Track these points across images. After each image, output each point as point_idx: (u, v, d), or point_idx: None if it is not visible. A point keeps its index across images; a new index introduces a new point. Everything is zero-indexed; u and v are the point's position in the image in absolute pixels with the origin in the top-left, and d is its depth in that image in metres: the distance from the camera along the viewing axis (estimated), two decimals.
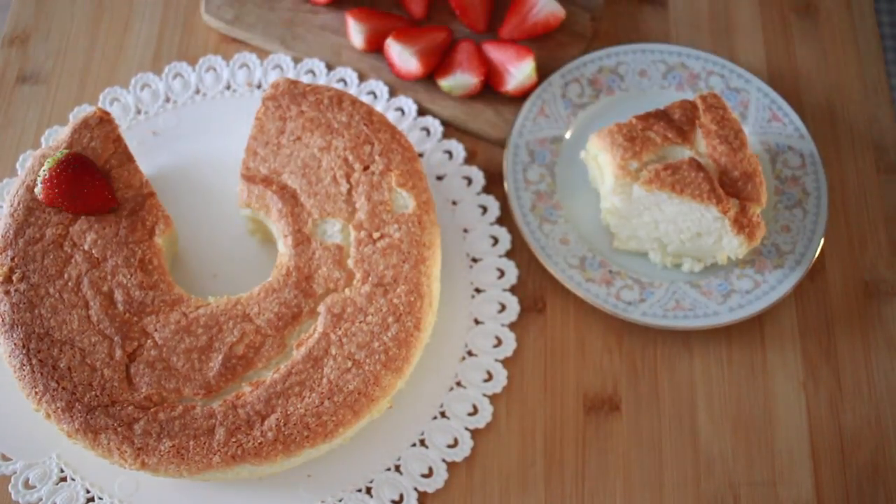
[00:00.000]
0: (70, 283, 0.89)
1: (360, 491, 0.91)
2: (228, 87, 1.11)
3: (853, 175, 1.09)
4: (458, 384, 0.96)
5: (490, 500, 0.93)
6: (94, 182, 0.92)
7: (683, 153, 0.97)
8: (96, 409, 0.85)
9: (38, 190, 0.92)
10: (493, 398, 0.96)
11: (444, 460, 0.93)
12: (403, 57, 1.09)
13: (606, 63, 1.11)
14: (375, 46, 1.13)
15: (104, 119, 0.97)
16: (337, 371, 0.87)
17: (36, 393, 0.85)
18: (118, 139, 0.97)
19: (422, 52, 1.09)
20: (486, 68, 1.09)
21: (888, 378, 0.99)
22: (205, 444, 0.84)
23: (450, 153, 1.08)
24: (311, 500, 0.91)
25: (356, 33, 1.12)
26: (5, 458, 0.92)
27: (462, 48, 1.10)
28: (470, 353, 0.98)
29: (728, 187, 0.96)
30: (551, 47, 1.14)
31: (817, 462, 0.95)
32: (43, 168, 0.92)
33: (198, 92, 1.11)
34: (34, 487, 0.90)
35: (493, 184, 1.07)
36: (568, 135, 1.08)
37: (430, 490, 0.92)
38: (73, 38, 1.16)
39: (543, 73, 1.11)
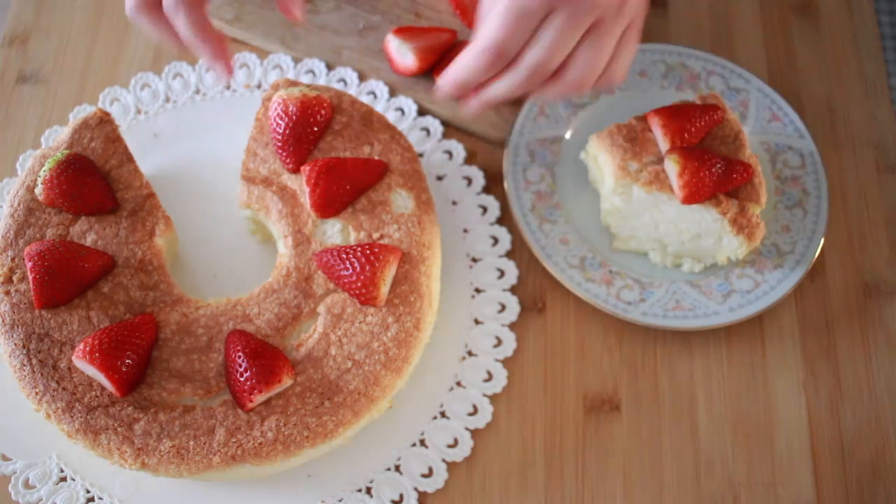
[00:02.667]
0: None
1: (360, 491, 0.91)
2: (228, 87, 1.11)
3: (853, 175, 1.09)
4: (458, 384, 0.97)
5: (490, 500, 0.93)
6: (94, 182, 0.92)
7: None
8: (96, 410, 0.85)
9: (38, 190, 0.92)
10: (493, 398, 0.96)
11: (444, 460, 0.93)
12: (401, 52, 1.09)
13: None
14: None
15: (104, 119, 0.97)
16: (337, 371, 0.87)
17: (36, 393, 0.85)
18: (118, 139, 0.97)
19: (420, 49, 1.09)
20: None
21: (888, 378, 0.99)
22: (205, 444, 0.84)
23: (450, 153, 1.08)
24: (311, 500, 0.91)
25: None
26: (5, 458, 0.92)
27: (462, 48, 1.10)
28: (470, 353, 0.98)
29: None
30: None
31: (817, 462, 0.95)
32: (43, 168, 0.92)
33: (198, 92, 1.11)
34: (34, 487, 0.90)
35: (493, 184, 1.07)
36: (568, 135, 1.08)
37: (430, 490, 0.92)
38: (73, 38, 1.16)
39: None
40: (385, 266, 0.88)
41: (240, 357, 0.84)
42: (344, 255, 0.89)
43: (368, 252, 0.88)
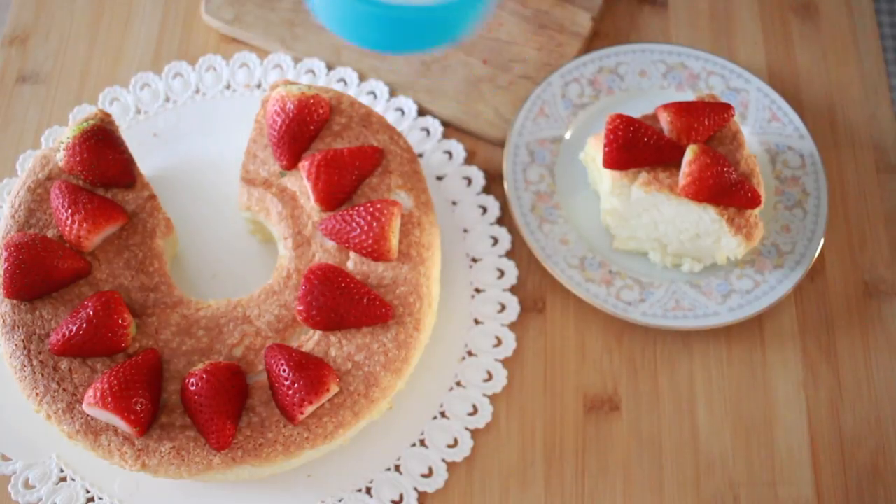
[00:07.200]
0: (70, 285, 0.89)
1: (360, 491, 0.91)
2: (228, 87, 1.11)
3: (853, 175, 1.09)
4: (458, 384, 0.97)
5: (490, 500, 0.93)
6: (114, 155, 0.93)
7: None
8: None
9: (59, 156, 0.92)
10: (493, 398, 0.96)
11: (444, 460, 0.93)
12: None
13: (606, 63, 1.11)
14: None
15: (104, 119, 0.97)
16: (336, 372, 0.87)
17: (37, 394, 0.85)
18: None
19: None
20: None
21: (888, 378, 0.99)
22: (205, 445, 0.84)
23: (450, 153, 1.08)
24: (311, 500, 0.91)
25: None
26: (5, 458, 0.92)
27: None
28: (470, 353, 0.98)
29: None
30: (551, 47, 1.14)
31: (817, 462, 0.95)
32: (67, 135, 0.92)
33: (198, 92, 1.11)
34: (34, 487, 0.90)
35: (493, 184, 1.07)
36: (568, 135, 1.08)
37: (430, 490, 0.92)
38: (73, 38, 1.16)
39: (543, 73, 1.11)
40: (391, 218, 0.89)
41: (284, 371, 0.83)
42: (349, 217, 0.89)
43: (372, 209, 0.89)
